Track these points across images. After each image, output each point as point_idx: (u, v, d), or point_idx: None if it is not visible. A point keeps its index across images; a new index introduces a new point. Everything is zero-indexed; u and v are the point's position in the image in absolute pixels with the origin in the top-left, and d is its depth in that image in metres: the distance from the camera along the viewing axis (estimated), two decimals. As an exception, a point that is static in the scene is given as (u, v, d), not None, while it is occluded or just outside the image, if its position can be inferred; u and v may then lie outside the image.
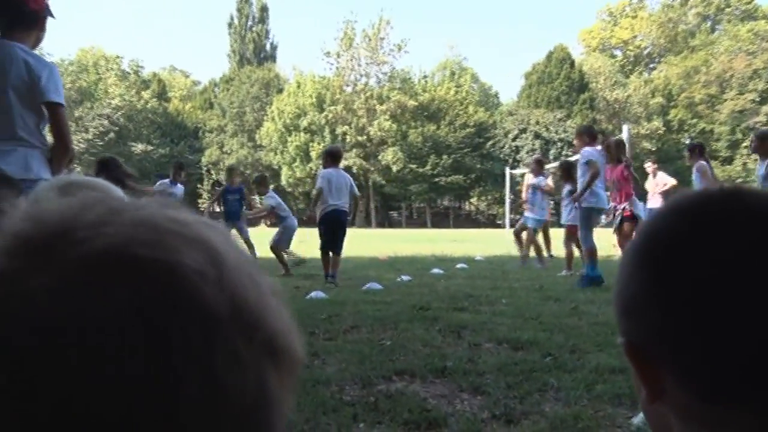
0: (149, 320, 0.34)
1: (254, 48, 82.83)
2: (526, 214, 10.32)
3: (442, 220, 71.67)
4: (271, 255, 9.66)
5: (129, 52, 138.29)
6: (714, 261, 0.59)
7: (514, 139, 61.86)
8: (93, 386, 0.33)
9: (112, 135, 65.23)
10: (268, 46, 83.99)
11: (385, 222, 72.11)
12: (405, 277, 8.29)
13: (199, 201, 74.19)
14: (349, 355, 3.61)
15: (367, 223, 68.24)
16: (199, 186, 72.48)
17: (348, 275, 8.92)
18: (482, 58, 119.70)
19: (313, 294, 6.42)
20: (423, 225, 65.78)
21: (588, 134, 7.87)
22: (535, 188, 10.15)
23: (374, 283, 7.42)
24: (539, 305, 5.68)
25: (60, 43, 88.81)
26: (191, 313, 0.35)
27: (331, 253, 8.06)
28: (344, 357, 3.59)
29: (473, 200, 70.09)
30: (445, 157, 63.12)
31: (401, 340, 4.08)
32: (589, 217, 7.65)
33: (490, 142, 64.06)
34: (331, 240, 8.05)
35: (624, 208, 7.81)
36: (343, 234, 8.16)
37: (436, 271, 9.29)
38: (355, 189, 8.42)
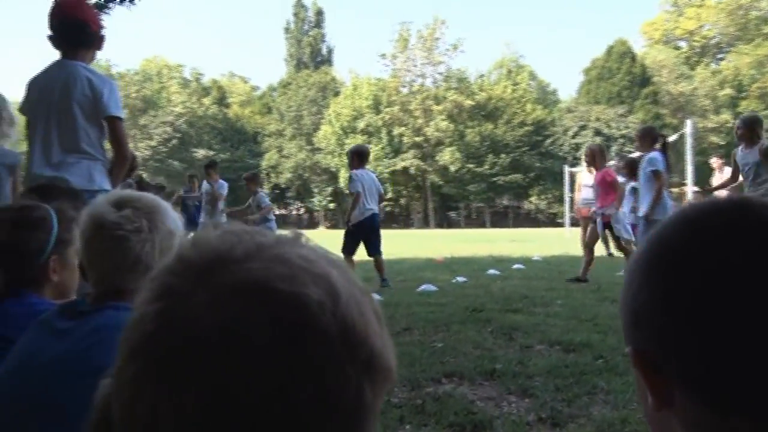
0: (279, 336, 0.45)
1: (311, 52, 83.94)
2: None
3: (501, 219, 70.96)
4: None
5: (190, 60, 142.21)
6: (721, 272, 0.61)
7: (573, 137, 60.73)
8: (234, 378, 0.44)
9: (175, 141, 67.20)
10: (324, 50, 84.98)
11: (444, 222, 71.87)
12: (460, 279, 8.29)
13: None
14: (400, 358, 3.62)
15: (425, 224, 68.19)
16: (259, 189, 73.94)
17: (403, 276, 8.98)
18: (540, 55, 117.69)
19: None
20: (482, 225, 65.31)
21: (651, 136, 7.34)
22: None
23: (429, 285, 7.45)
24: (595, 306, 5.60)
25: (126, 55, 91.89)
26: (311, 333, 0.46)
27: (372, 258, 8.08)
28: (396, 359, 3.64)
29: (533, 199, 69.02)
30: (503, 156, 62.51)
31: (452, 342, 4.11)
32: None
33: (549, 140, 63.07)
34: (370, 245, 8.07)
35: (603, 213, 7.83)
36: (378, 236, 8.16)
37: (492, 272, 9.24)
38: (381, 188, 8.33)
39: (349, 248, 8.12)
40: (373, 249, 8.05)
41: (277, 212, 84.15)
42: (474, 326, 4.69)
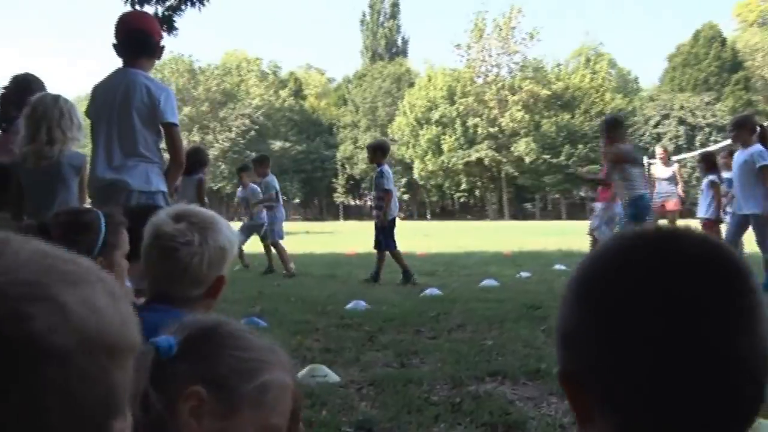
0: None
1: (386, 43, 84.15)
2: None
3: (578, 211, 69.19)
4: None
5: (268, 53, 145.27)
6: (642, 303, 0.64)
7: (655, 126, 58.58)
8: None
9: (253, 133, 68.91)
10: (399, 41, 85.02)
11: (519, 214, 70.77)
12: (524, 274, 8.20)
13: (334, 195, 76.76)
14: (447, 355, 3.69)
15: (500, 216, 67.39)
16: (333, 180, 74.92)
17: (468, 271, 8.96)
18: (620, 42, 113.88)
19: (428, 291, 6.53)
20: (558, 217, 63.93)
21: (749, 126, 6.62)
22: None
23: (491, 280, 7.42)
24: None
25: (207, 49, 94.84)
26: (47, 353, 0.44)
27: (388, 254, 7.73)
28: (442, 356, 3.67)
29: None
30: (580, 146, 60.93)
31: (503, 340, 4.10)
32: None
33: (629, 130, 61.04)
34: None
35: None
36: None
37: (558, 267, 9.08)
38: None
39: (393, 243, 7.76)
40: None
41: (352, 203, 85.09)
42: (528, 324, 4.65)
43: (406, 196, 74.11)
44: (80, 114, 3.13)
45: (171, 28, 7.20)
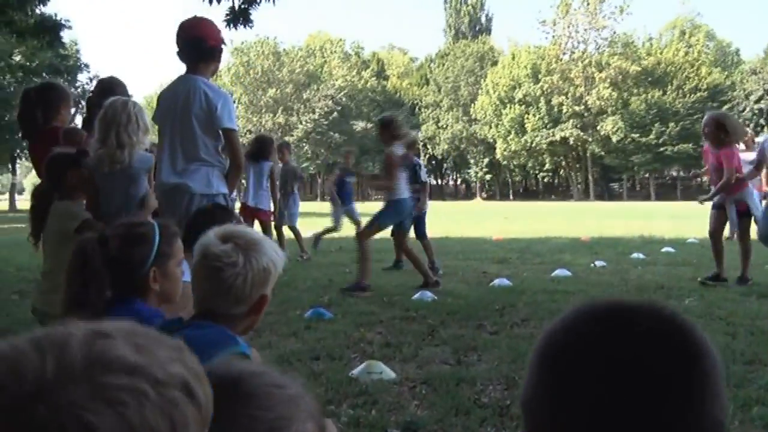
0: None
1: (469, 21, 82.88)
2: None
3: (668, 191, 66.44)
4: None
5: (351, 33, 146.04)
6: (586, 370, 0.68)
7: (757, 101, 55.31)
8: None
9: (335, 114, 69.68)
10: (483, 19, 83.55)
11: (605, 194, 68.66)
12: (599, 263, 8.01)
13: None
14: (506, 353, 3.70)
15: (585, 196, 65.62)
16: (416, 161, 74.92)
17: (541, 259, 8.83)
18: (720, 12, 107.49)
19: (497, 281, 6.49)
20: (646, 197, 61.60)
21: None
22: None
23: (564, 270, 7.30)
24: (736, 302, 5.22)
25: (291, 31, 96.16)
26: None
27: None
28: (500, 354, 3.68)
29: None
30: (671, 124, 58.30)
31: (565, 338, 4.06)
32: None
33: (727, 106, 57.77)
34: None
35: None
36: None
37: (636, 255, 8.81)
38: None
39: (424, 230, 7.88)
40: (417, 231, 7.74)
41: (434, 182, 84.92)
42: (594, 320, 4.58)
43: (488, 176, 73.30)
44: (147, 118, 3.29)
45: (247, 20, 7.41)
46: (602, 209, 33.42)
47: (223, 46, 3.30)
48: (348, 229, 9.65)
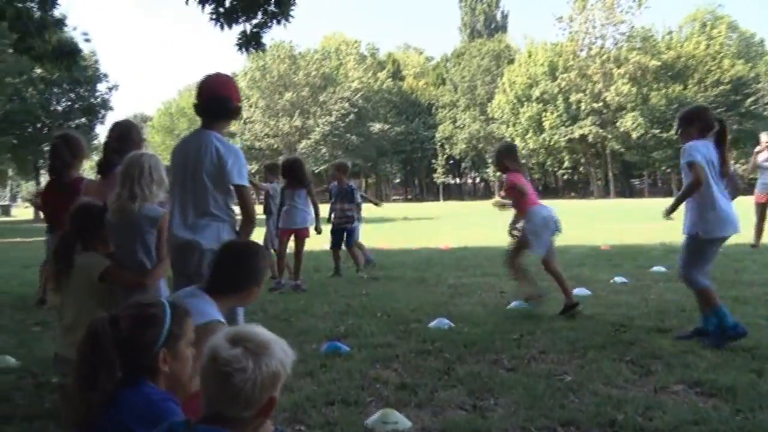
0: None
1: (485, 19, 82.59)
2: None
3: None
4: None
5: (367, 34, 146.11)
6: None
7: (781, 94, 54.52)
8: None
9: (352, 116, 69.77)
10: (498, 16, 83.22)
11: (626, 191, 68.07)
12: (619, 279, 7.91)
13: (434, 176, 76.53)
14: (523, 395, 3.65)
15: (606, 193, 65.06)
16: (433, 161, 74.78)
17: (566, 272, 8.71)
18: (743, 1, 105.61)
19: (514, 304, 6.44)
20: (668, 193, 60.81)
21: None
22: None
23: (583, 289, 7.21)
24: (761, 328, 5.11)
25: (306, 34, 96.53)
26: None
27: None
28: (518, 397, 3.64)
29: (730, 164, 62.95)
30: (693, 119, 57.57)
31: (583, 375, 4.00)
32: None
33: (751, 99, 57.07)
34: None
35: None
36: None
37: (657, 269, 8.68)
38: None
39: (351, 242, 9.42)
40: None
41: (452, 182, 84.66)
42: (613, 352, 4.51)
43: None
44: (163, 170, 3.32)
45: (259, 44, 7.43)
46: (622, 208, 33.08)
47: (240, 105, 3.36)
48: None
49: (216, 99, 3.23)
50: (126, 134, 4.23)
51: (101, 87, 38.16)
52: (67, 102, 38.23)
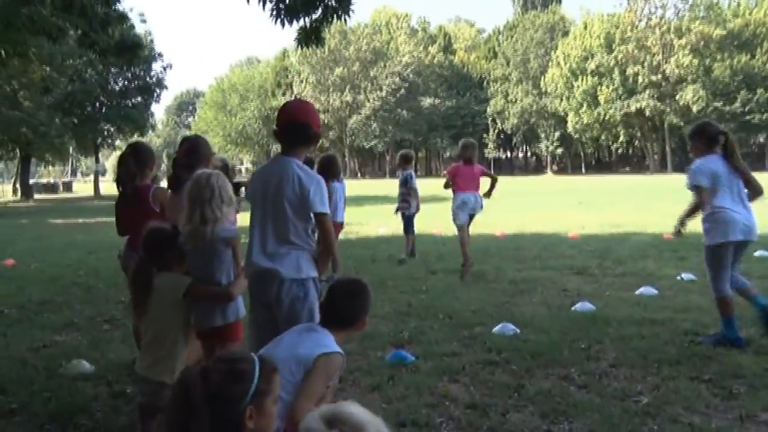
0: None
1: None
2: None
3: (755, 161, 63.22)
4: None
5: (417, 7, 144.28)
6: None
7: None
8: None
9: (402, 91, 69.33)
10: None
11: (684, 166, 65.96)
12: (686, 276, 7.64)
13: (485, 151, 75.57)
14: (597, 420, 3.54)
15: (662, 167, 63.25)
16: (485, 136, 73.82)
17: (623, 268, 8.52)
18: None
19: (578, 305, 6.28)
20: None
21: None
22: None
23: (648, 287, 7.00)
24: None
25: (357, 8, 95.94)
26: None
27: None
28: (592, 421, 3.53)
29: (796, 138, 60.57)
30: (760, 91, 55.24)
31: (660, 397, 3.86)
32: None
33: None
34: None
35: None
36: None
37: (727, 264, 8.36)
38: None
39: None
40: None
41: (503, 156, 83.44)
42: (689, 369, 4.35)
43: (559, 150, 71.52)
44: (230, 187, 3.31)
45: (319, 39, 7.36)
46: (681, 186, 32.02)
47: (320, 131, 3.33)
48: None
49: (295, 125, 3.20)
50: (194, 149, 4.24)
51: (156, 66, 38.85)
52: (123, 81, 39.03)
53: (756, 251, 9.18)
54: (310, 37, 7.27)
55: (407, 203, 9.96)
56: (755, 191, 5.17)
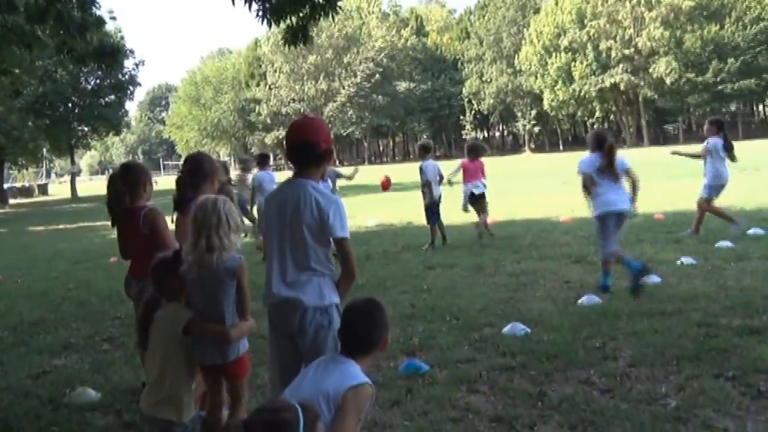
0: None
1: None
2: None
3: (728, 131, 63.80)
4: None
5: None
6: None
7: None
8: None
9: (377, 77, 68.93)
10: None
11: (659, 138, 66.56)
12: (686, 260, 7.63)
13: (463, 132, 75.57)
14: (629, 429, 3.48)
15: (639, 140, 63.75)
16: (461, 117, 73.82)
17: (624, 253, 8.45)
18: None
19: (585, 299, 6.22)
20: (704, 138, 59.41)
21: None
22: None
23: (651, 275, 6.96)
24: None
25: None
26: None
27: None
28: (623, 429, 3.47)
29: (768, 106, 61.23)
30: (731, 60, 55.78)
31: (687, 400, 3.79)
32: None
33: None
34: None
35: None
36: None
37: (723, 244, 8.38)
38: (442, 172, 10.48)
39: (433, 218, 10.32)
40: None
41: (480, 136, 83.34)
42: (710, 365, 4.29)
43: (537, 128, 71.73)
44: (237, 216, 3.16)
45: (306, 37, 7.19)
46: (660, 159, 32.23)
47: (331, 147, 3.15)
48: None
49: (302, 145, 3.04)
50: (198, 167, 4.09)
51: (128, 63, 38.10)
52: (95, 80, 38.26)
53: (749, 229, 9.23)
54: (297, 36, 7.10)
55: (423, 193, 10.30)
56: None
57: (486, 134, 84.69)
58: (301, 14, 6.86)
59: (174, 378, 3.08)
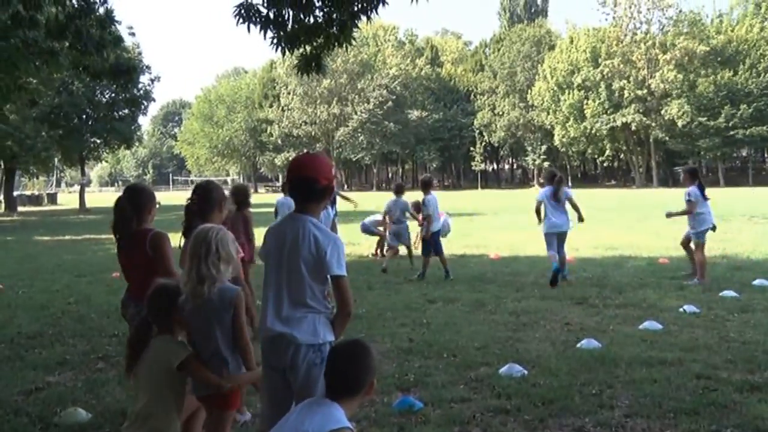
0: None
1: (525, 3, 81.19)
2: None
3: (738, 176, 63.96)
4: None
5: (405, 19, 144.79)
6: None
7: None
8: None
9: (390, 104, 69.39)
10: (539, 1, 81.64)
11: (669, 179, 66.51)
12: (689, 308, 7.57)
13: (472, 164, 75.77)
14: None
15: (648, 181, 63.73)
16: (471, 149, 74.03)
17: (623, 297, 8.43)
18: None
19: (584, 342, 6.18)
20: (714, 183, 59.34)
21: None
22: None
23: (652, 321, 6.92)
24: None
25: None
26: None
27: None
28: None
29: (779, 154, 61.26)
30: (743, 106, 55.93)
31: (681, 455, 3.76)
32: None
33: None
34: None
35: None
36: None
37: (727, 293, 8.33)
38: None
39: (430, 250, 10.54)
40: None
41: (489, 169, 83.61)
42: (708, 420, 4.23)
43: (546, 163, 71.83)
44: (231, 244, 3.15)
45: (319, 66, 7.26)
46: (668, 199, 32.16)
47: (333, 184, 3.16)
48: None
49: (301, 180, 3.05)
50: (206, 195, 4.12)
51: (144, 79, 38.50)
52: (110, 94, 38.63)
53: (755, 280, 9.18)
54: (310, 64, 7.17)
55: (421, 226, 10.78)
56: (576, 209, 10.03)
57: (495, 166, 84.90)
58: (315, 43, 6.92)
59: (163, 411, 3.01)
